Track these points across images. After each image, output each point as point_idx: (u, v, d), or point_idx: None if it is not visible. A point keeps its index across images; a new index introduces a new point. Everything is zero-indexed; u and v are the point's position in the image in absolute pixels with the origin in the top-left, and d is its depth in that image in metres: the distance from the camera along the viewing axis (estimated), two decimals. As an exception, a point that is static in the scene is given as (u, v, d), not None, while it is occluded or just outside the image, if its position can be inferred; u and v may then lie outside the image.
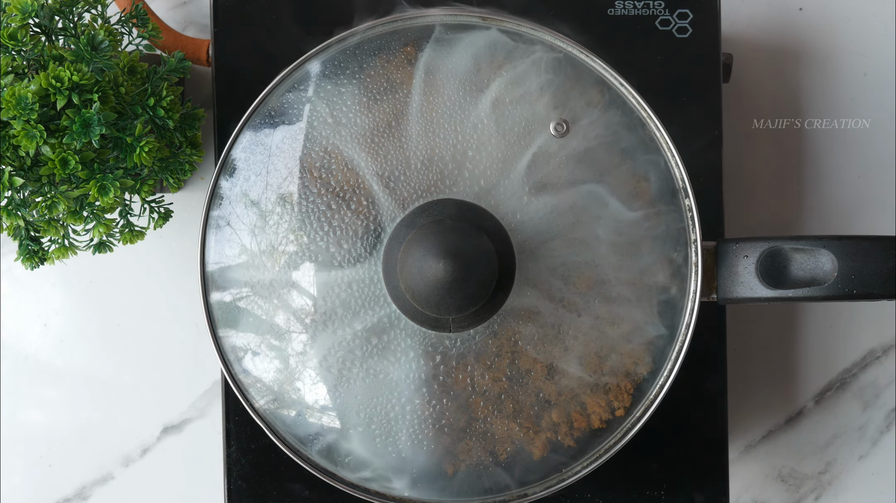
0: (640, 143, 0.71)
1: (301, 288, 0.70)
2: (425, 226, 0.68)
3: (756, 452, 0.87)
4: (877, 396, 0.87)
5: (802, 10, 0.87)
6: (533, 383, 0.70)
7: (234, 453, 0.77)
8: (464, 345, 0.69)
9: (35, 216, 0.71)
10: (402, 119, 0.70)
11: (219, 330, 0.72)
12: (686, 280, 0.71)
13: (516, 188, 0.69)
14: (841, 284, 0.69)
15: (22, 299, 0.87)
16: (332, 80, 0.71)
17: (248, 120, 0.71)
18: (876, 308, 0.87)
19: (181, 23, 0.87)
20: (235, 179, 0.71)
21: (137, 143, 0.71)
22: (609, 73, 0.71)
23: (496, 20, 0.71)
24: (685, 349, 0.71)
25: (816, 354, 0.87)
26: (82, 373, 0.87)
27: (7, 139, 0.69)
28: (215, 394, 0.86)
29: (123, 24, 0.75)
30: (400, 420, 0.70)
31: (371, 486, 0.71)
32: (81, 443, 0.87)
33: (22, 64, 0.70)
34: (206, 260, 0.72)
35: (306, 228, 0.70)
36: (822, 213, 0.87)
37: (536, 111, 0.70)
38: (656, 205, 0.71)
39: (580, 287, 0.70)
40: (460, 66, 0.70)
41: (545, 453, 0.71)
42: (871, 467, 0.87)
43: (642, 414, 0.71)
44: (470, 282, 0.66)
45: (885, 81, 0.87)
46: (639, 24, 0.77)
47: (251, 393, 0.72)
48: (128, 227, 0.76)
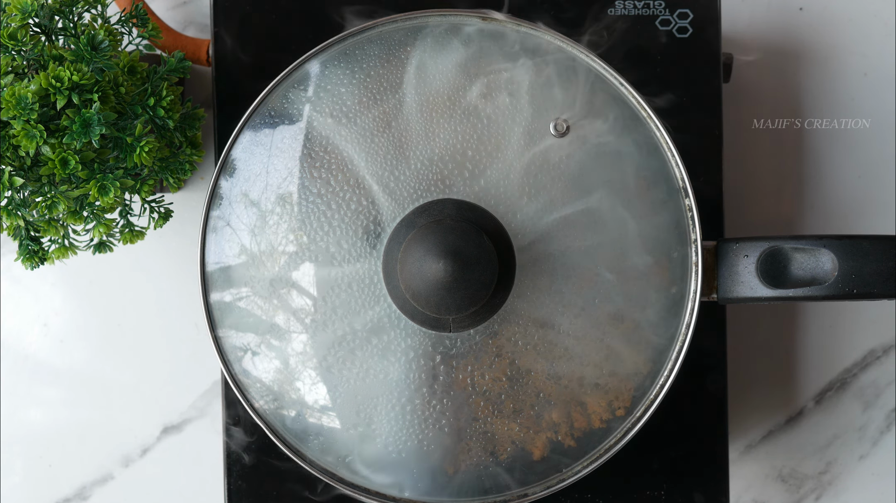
0: (640, 143, 0.71)
1: (301, 288, 0.70)
2: (425, 226, 0.68)
3: (756, 452, 0.87)
4: (877, 396, 0.87)
5: (802, 10, 0.87)
6: (533, 383, 0.70)
7: (234, 453, 0.77)
8: (464, 345, 0.69)
9: (35, 216, 0.71)
10: (402, 119, 0.70)
11: (219, 330, 0.72)
12: (686, 280, 0.71)
13: (516, 188, 0.69)
14: (841, 284, 0.69)
15: (22, 299, 0.87)
16: (332, 80, 0.71)
17: (248, 120, 0.71)
18: (876, 308, 0.87)
19: (181, 23, 0.87)
20: (235, 179, 0.71)
21: (137, 143, 0.71)
22: (609, 73, 0.71)
23: (496, 20, 0.71)
24: (685, 349, 0.71)
25: (816, 354, 0.87)
26: (82, 372, 0.87)
27: (7, 139, 0.69)
28: (215, 394, 0.86)
29: (123, 24, 0.75)
30: (400, 420, 0.70)
31: (371, 486, 0.71)
32: (81, 443, 0.86)
33: (22, 64, 0.70)
34: (205, 260, 0.72)
35: (306, 228, 0.70)
36: (822, 213, 0.87)
37: (536, 111, 0.70)
38: (656, 204, 0.71)
39: (580, 286, 0.70)
40: (460, 66, 0.70)
41: (545, 453, 0.71)
42: (871, 467, 0.87)
43: (642, 414, 0.71)
44: (470, 282, 0.66)
45: (885, 81, 0.87)
46: (639, 24, 0.77)
47: (251, 393, 0.72)
48: (128, 227, 0.76)
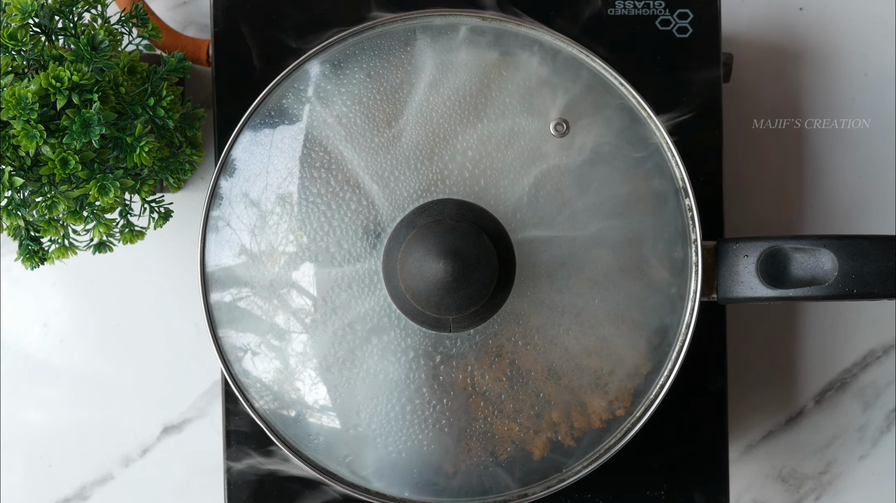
0: (640, 143, 0.71)
1: (301, 288, 0.70)
2: (425, 226, 0.68)
3: (756, 452, 0.87)
4: (877, 396, 0.87)
5: (802, 10, 0.87)
6: (533, 383, 0.70)
7: (234, 453, 0.77)
8: (464, 345, 0.69)
9: (35, 216, 0.71)
10: (403, 119, 0.70)
11: (219, 330, 0.72)
12: (686, 280, 0.71)
13: (516, 188, 0.69)
14: (841, 284, 0.69)
15: (22, 299, 0.87)
16: (332, 80, 0.71)
17: (248, 120, 0.71)
18: (876, 308, 0.87)
19: (181, 23, 0.87)
20: (235, 179, 0.71)
21: (137, 143, 0.71)
22: (609, 72, 0.71)
23: (496, 20, 0.71)
24: (685, 349, 0.71)
25: (816, 354, 0.87)
26: (82, 372, 0.87)
27: (7, 139, 0.69)
28: (215, 394, 0.86)
29: (123, 24, 0.75)
30: (400, 420, 0.70)
31: (371, 486, 0.71)
32: (81, 443, 0.86)
33: (22, 64, 0.70)
34: (205, 260, 0.72)
35: (306, 228, 0.70)
36: (823, 213, 0.86)
37: (536, 111, 0.70)
38: (656, 204, 0.71)
39: (580, 287, 0.70)
40: (460, 66, 0.70)
41: (545, 453, 0.71)
42: (871, 467, 0.87)
43: (642, 414, 0.71)
44: (470, 282, 0.66)
45: (885, 81, 0.87)
46: (639, 24, 0.77)
47: (251, 393, 0.72)
48: (128, 227, 0.76)
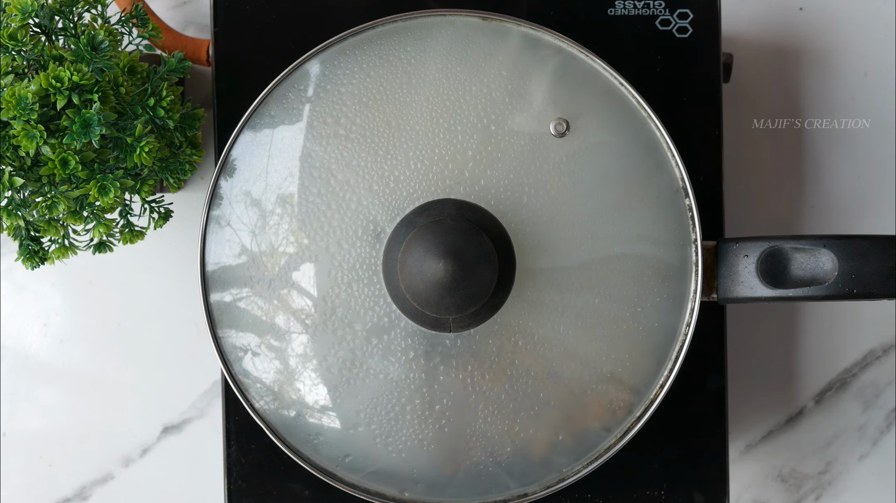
0: (640, 143, 0.71)
1: (301, 288, 0.70)
2: (425, 226, 0.68)
3: (756, 452, 0.87)
4: (877, 396, 0.87)
5: (802, 10, 0.87)
6: (533, 383, 0.70)
7: (234, 453, 0.77)
8: (464, 345, 0.69)
9: (35, 216, 0.71)
10: (403, 118, 0.70)
11: (219, 330, 0.72)
12: (686, 280, 0.71)
13: (516, 188, 0.69)
14: (841, 284, 0.69)
15: (22, 299, 0.87)
16: (332, 80, 0.71)
17: (248, 120, 0.71)
18: (876, 308, 0.87)
19: (181, 23, 0.87)
20: (235, 179, 0.71)
21: (137, 143, 0.71)
22: (609, 72, 0.71)
23: (496, 20, 0.71)
24: (685, 349, 0.71)
25: (816, 354, 0.87)
26: (82, 373, 0.87)
27: (7, 139, 0.69)
28: (215, 394, 0.86)
29: (123, 24, 0.75)
30: (400, 420, 0.70)
31: (371, 486, 0.71)
32: (81, 443, 0.86)
33: (22, 64, 0.70)
34: (206, 260, 0.72)
35: (306, 228, 0.70)
36: (822, 213, 0.86)
37: (536, 110, 0.70)
38: (656, 204, 0.71)
39: (580, 286, 0.70)
40: (459, 66, 0.70)
41: (545, 453, 0.71)
42: (871, 467, 0.87)
43: (642, 413, 0.71)
44: (470, 282, 0.66)
45: (885, 81, 0.87)
46: (639, 24, 0.77)
47: (251, 393, 0.72)
48: (128, 227, 0.76)
